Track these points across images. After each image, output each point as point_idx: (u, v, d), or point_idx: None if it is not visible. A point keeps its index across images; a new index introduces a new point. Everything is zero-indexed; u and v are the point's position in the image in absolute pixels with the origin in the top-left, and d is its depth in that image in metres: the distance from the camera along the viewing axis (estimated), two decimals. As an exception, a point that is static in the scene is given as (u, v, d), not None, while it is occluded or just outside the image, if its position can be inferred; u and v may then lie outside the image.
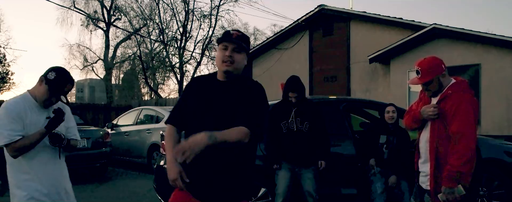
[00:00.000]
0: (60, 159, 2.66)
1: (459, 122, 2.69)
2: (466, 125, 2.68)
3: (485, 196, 4.90)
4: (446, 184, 2.69)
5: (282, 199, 4.14)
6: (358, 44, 12.51)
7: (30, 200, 2.52)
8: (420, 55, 10.60)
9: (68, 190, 2.77)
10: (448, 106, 2.77)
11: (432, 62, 2.89)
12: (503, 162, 4.97)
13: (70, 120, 2.74)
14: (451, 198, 2.68)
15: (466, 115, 2.70)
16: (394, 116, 4.52)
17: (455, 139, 2.68)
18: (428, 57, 2.98)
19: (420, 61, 2.94)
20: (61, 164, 2.73)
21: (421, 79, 2.88)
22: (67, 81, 2.57)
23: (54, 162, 2.66)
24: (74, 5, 24.56)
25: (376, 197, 4.34)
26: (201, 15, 21.02)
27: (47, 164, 2.62)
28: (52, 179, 2.64)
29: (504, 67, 9.67)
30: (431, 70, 2.85)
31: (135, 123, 10.01)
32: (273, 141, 4.22)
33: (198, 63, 21.80)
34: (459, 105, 2.74)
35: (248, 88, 2.22)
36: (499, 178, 4.93)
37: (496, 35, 9.76)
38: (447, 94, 2.83)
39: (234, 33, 2.20)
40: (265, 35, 32.22)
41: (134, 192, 6.80)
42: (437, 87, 2.89)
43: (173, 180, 2.15)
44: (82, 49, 27.35)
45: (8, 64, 31.85)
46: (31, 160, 2.57)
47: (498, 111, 9.70)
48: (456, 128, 2.69)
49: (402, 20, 11.67)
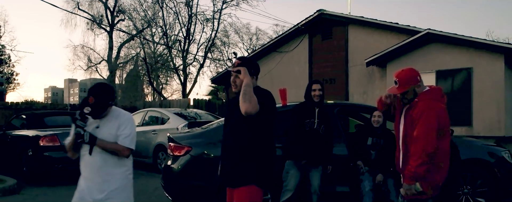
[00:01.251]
0: (91, 155, 2.87)
1: (419, 128, 3.02)
2: (425, 131, 3.00)
3: (469, 194, 5.23)
4: (406, 181, 3.09)
5: (290, 195, 4.50)
6: (356, 48, 12.85)
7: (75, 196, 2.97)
8: (415, 59, 11.07)
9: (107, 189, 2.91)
10: (414, 112, 3.13)
11: (409, 74, 3.21)
12: (486, 161, 5.32)
13: (123, 128, 2.90)
14: (409, 193, 3.09)
15: (426, 121, 3.02)
16: (380, 120, 4.91)
17: (415, 142, 3.03)
18: (405, 69, 3.31)
19: (398, 72, 3.28)
20: (98, 164, 2.90)
21: (399, 89, 3.21)
22: (89, 95, 2.84)
23: (91, 161, 2.90)
24: (78, 7, 24.94)
25: (365, 194, 4.73)
26: (204, 18, 21.42)
27: (88, 164, 2.94)
28: (89, 176, 2.94)
29: (495, 71, 10.03)
30: (408, 82, 3.18)
31: (141, 124, 10.37)
32: (298, 137, 4.57)
33: (201, 66, 22.19)
34: (422, 112, 3.06)
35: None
36: (482, 177, 5.26)
37: (487, 40, 10.14)
38: (414, 102, 3.19)
39: (236, 61, 2.87)
40: (267, 35, 32.50)
41: (142, 191, 7.12)
42: (412, 96, 3.20)
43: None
44: (86, 50, 27.67)
45: (13, 65, 32.32)
46: (82, 161, 2.98)
47: (489, 113, 10.06)
48: (416, 133, 3.04)
49: (398, 25, 12.02)
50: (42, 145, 7.79)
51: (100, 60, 27.74)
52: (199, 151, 4.93)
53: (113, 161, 2.93)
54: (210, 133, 5.16)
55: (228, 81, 16.38)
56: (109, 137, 2.89)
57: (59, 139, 7.88)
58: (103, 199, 2.91)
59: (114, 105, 2.99)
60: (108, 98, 2.88)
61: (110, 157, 2.91)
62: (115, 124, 2.91)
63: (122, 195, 2.95)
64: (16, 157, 8.43)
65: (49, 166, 7.82)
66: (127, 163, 3.04)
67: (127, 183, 3.02)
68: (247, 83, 2.70)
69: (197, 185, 4.92)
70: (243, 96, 2.63)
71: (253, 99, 2.63)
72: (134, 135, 2.95)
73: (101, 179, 2.91)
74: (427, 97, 3.17)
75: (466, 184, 5.25)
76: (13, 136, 8.90)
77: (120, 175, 2.97)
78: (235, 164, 2.83)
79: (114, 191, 2.92)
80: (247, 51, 33.69)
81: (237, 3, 20.99)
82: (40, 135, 7.94)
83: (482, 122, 10.17)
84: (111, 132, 2.89)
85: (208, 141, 5.00)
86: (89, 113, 2.80)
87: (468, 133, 9.73)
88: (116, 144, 2.88)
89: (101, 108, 2.85)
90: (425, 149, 2.98)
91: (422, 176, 3.03)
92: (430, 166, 3.04)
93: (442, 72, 10.72)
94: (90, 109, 2.79)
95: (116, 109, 3.03)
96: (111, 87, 3.02)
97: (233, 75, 2.85)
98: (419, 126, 3.04)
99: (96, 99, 2.81)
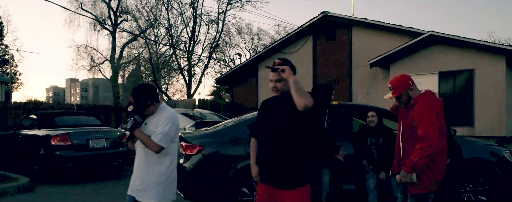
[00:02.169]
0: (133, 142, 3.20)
1: (423, 127, 3.30)
2: (429, 129, 3.28)
3: (471, 192, 5.41)
4: (405, 170, 3.36)
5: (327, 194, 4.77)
6: (359, 49, 13.00)
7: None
8: (418, 60, 11.23)
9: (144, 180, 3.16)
10: (415, 113, 3.41)
11: (400, 80, 3.57)
12: (488, 161, 5.48)
13: (159, 125, 3.09)
14: (404, 180, 3.39)
15: (429, 121, 3.31)
16: (374, 120, 5.11)
17: (420, 140, 3.31)
18: (397, 75, 3.66)
19: (391, 79, 3.63)
20: (142, 158, 3.17)
21: (393, 94, 3.54)
22: (131, 95, 3.15)
23: (138, 154, 3.22)
24: (81, 7, 25.13)
25: (370, 192, 4.92)
26: (209, 20, 21.61)
27: (137, 156, 3.25)
28: (136, 167, 3.25)
29: (496, 72, 10.20)
30: (400, 86, 3.53)
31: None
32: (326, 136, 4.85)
33: (206, 66, 22.40)
34: (424, 112, 3.35)
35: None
36: (484, 176, 5.43)
37: (489, 42, 10.30)
38: (411, 104, 3.49)
39: (277, 61, 2.93)
40: (269, 35, 32.68)
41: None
42: (406, 99, 3.52)
43: (255, 176, 3.05)
44: (90, 50, 27.79)
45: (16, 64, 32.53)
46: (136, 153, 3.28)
47: (491, 113, 10.22)
48: (421, 132, 3.31)
49: (401, 27, 12.17)
50: (53, 144, 7.97)
51: (103, 60, 27.92)
52: (211, 150, 5.12)
53: (153, 158, 3.14)
54: (222, 132, 5.34)
55: (233, 82, 16.72)
56: (151, 132, 3.09)
57: (70, 138, 8.08)
58: (142, 190, 3.18)
59: (157, 103, 3.14)
60: (147, 98, 3.07)
61: (151, 153, 3.11)
62: (155, 121, 3.12)
63: (156, 190, 3.13)
64: (28, 156, 8.59)
65: (60, 164, 8.00)
66: (167, 161, 3.19)
67: (164, 179, 3.16)
68: (296, 80, 2.78)
69: (209, 183, 5.10)
70: (298, 92, 2.71)
71: (307, 94, 2.74)
72: (167, 134, 3.07)
73: (143, 171, 3.18)
74: (424, 99, 3.46)
75: (468, 182, 5.41)
76: (24, 136, 9.08)
77: (158, 171, 3.15)
78: (288, 165, 2.87)
79: (151, 185, 3.14)
80: (248, 51, 33.91)
81: (241, 4, 21.16)
82: (52, 134, 8.12)
83: (484, 122, 10.33)
84: (152, 129, 3.11)
85: (220, 140, 5.19)
86: (132, 111, 3.04)
87: (469, 133, 9.88)
88: (149, 138, 3.05)
89: (140, 106, 3.07)
90: (429, 145, 3.24)
91: (420, 168, 3.31)
92: (429, 161, 3.31)
93: (445, 73, 10.88)
94: (132, 107, 3.04)
95: (163, 107, 3.21)
96: (151, 88, 3.21)
97: (273, 81, 2.93)
98: (422, 125, 3.31)
99: (135, 99, 3.05)
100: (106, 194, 6.96)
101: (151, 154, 3.11)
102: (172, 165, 3.22)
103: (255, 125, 3.17)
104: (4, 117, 12.56)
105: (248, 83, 16.06)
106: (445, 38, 10.74)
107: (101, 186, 7.66)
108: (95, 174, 9.02)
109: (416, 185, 3.40)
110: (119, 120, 15.37)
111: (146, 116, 3.16)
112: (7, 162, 9.80)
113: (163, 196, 3.16)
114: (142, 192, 3.17)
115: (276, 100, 3.03)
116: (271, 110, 3.03)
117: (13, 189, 6.81)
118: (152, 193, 3.13)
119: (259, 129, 3.09)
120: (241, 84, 16.40)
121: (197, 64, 23.13)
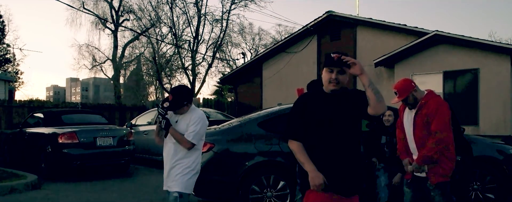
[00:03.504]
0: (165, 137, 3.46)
1: (437, 122, 3.57)
2: (442, 124, 3.55)
3: (478, 190, 5.43)
4: (418, 162, 3.66)
5: None
6: (364, 49, 13.05)
7: None
8: (423, 60, 11.26)
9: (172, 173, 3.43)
10: (428, 111, 3.64)
11: (404, 84, 3.78)
12: (495, 159, 5.51)
13: (191, 124, 3.38)
14: (416, 172, 3.70)
15: (442, 116, 3.58)
16: (390, 119, 5.14)
17: (434, 134, 3.57)
18: (400, 80, 3.90)
19: (395, 85, 3.86)
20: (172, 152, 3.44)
21: (399, 98, 3.76)
22: (170, 93, 3.46)
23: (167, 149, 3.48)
24: (83, 7, 25.17)
25: (381, 190, 4.94)
26: (213, 19, 21.64)
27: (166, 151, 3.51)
28: (166, 162, 3.49)
29: (501, 72, 10.23)
30: (405, 89, 3.75)
31: (153, 122, 10.57)
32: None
33: (210, 65, 22.43)
34: (437, 108, 3.61)
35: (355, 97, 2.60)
36: (492, 174, 5.46)
37: (494, 42, 10.32)
38: (422, 103, 3.72)
39: (335, 56, 2.55)
40: (270, 35, 32.69)
41: (158, 187, 7.30)
42: (413, 100, 3.75)
43: (320, 185, 2.54)
44: (91, 49, 27.81)
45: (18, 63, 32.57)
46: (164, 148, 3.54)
47: (496, 113, 10.26)
48: (434, 127, 3.57)
49: (406, 26, 12.21)
50: (61, 142, 7.99)
51: (105, 60, 27.95)
52: (221, 147, 5.15)
53: (183, 152, 3.43)
54: (233, 130, 5.38)
55: (238, 81, 16.74)
56: (182, 130, 3.40)
57: (78, 136, 8.11)
58: (170, 181, 3.46)
59: (190, 104, 3.46)
60: (184, 98, 3.39)
61: (181, 149, 3.41)
62: (187, 120, 3.41)
63: (180, 179, 3.40)
64: (35, 154, 8.62)
65: (67, 162, 8.02)
66: (194, 156, 3.47)
67: (189, 172, 3.43)
68: (371, 81, 2.45)
69: (219, 180, 5.14)
70: (378, 95, 2.42)
71: (383, 98, 2.47)
72: (199, 132, 3.39)
73: (171, 165, 3.45)
74: (433, 96, 3.73)
75: (475, 180, 5.43)
76: (31, 134, 9.10)
77: (184, 165, 3.43)
78: (355, 169, 2.62)
79: (177, 175, 3.42)
80: (249, 51, 33.97)
81: (245, 4, 21.19)
82: (59, 132, 8.13)
83: (489, 122, 10.36)
84: (183, 127, 3.41)
85: (230, 138, 5.23)
86: (167, 107, 3.35)
87: (474, 132, 9.92)
88: (183, 136, 3.36)
89: (176, 105, 3.37)
90: (442, 138, 3.52)
91: (434, 161, 3.58)
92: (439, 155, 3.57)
93: (449, 73, 10.92)
94: (168, 104, 3.34)
95: (193, 108, 3.51)
96: (189, 90, 3.58)
97: (335, 72, 2.56)
98: (436, 120, 3.57)
99: (173, 97, 3.35)
100: (114, 192, 6.99)
101: (181, 150, 3.41)
102: (197, 160, 3.50)
103: (296, 125, 2.68)
104: (9, 115, 12.58)
105: (252, 83, 16.09)
106: (450, 38, 10.77)
107: (108, 184, 7.69)
108: (102, 172, 9.06)
109: (439, 175, 3.61)
110: (122, 119, 15.40)
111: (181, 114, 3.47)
112: (14, 160, 9.84)
113: (185, 186, 3.42)
114: (170, 183, 3.45)
115: (329, 96, 2.64)
116: (328, 108, 2.61)
117: (21, 186, 6.84)
118: (176, 183, 3.40)
119: (302, 130, 2.65)
120: (245, 83, 16.42)
121: (201, 64, 23.17)
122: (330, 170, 2.57)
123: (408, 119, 3.84)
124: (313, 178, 2.56)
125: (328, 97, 2.64)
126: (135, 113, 15.35)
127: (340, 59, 2.53)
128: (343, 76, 2.57)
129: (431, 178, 3.66)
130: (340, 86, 2.59)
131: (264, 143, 5.17)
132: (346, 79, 2.58)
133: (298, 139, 2.66)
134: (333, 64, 2.56)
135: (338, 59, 2.53)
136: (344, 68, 2.54)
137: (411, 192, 3.88)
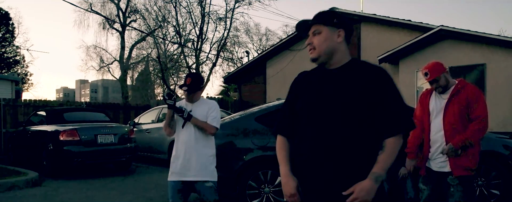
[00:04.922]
0: (183, 128, 3.50)
1: (481, 108, 3.46)
2: (485, 110, 3.48)
3: (483, 186, 5.30)
4: (455, 144, 3.42)
5: None
6: (368, 45, 12.91)
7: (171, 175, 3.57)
8: (428, 56, 11.11)
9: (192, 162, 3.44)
10: (469, 95, 3.48)
11: (435, 64, 3.61)
12: (501, 154, 5.37)
13: (211, 111, 3.52)
14: (449, 154, 3.45)
15: (484, 102, 3.50)
16: None
17: (479, 120, 3.44)
18: (432, 61, 3.70)
19: (426, 65, 3.66)
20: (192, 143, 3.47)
21: (430, 77, 3.56)
22: (187, 77, 3.54)
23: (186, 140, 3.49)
24: (91, 8, 25.31)
25: (410, 191, 4.63)
26: (216, 18, 21.61)
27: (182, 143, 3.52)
28: (181, 155, 3.49)
29: (508, 67, 10.03)
30: (437, 69, 3.54)
31: (156, 121, 10.57)
32: None
33: (214, 64, 22.42)
34: (478, 95, 3.50)
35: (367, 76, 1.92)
36: (497, 169, 5.32)
37: (500, 36, 10.13)
38: (458, 88, 3.53)
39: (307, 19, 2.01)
40: (277, 35, 32.64)
41: (159, 184, 7.30)
42: (445, 83, 3.55)
43: (291, 196, 1.92)
44: (99, 50, 28.01)
45: (27, 65, 32.85)
46: (176, 140, 3.59)
47: (502, 109, 10.06)
48: (479, 112, 3.45)
49: (410, 22, 12.07)
50: (62, 140, 8.00)
51: (112, 61, 28.10)
52: (219, 142, 5.02)
53: (203, 142, 3.52)
54: (229, 125, 5.30)
55: (241, 80, 16.72)
56: (200, 117, 3.51)
57: (79, 133, 8.11)
58: (197, 170, 3.47)
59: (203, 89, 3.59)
60: (200, 82, 3.55)
61: (201, 138, 3.50)
62: (205, 108, 3.54)
63: (204, 172, 3.49)
64: (36, 151, 8.64)
65: (69, 159, 8.03)
66: (212, 145, 3.62)
67: (212, 160, 3.59)
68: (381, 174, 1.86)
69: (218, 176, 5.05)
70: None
71: (394, 156, 1.90)
72: (218, 118, 3.55)
73: (192, 154, 3.47)
74: (466, 83, 3.58)
75: (480, 176, 5.29)
76: (33, 131, 9.13)
77: (206, 154, 3.53)
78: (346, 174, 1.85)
79: (199, 167, 3.47)
80: (256, 52, 33.91)
81: (249, 2, 21.09)
82: (60, 129, 8.15)
83: (495, 118, 10.14)
84: (203, 113, 3.51)
85: (227, 132, 5.15)
86: (187, 89, 3.45)
87: (481, 129, 9.72)
88: (206, 122, 3.48)
89: (195, 87, 3.48)
90: (486, 125, 3.46)
91: (467, 148, 3.43)
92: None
93: (455, 68, 10.73)
94: (186, 87, 3.43)
95: (203, 98, 3.70)
96: (202, 77, 3.77)
97: (310, 36, 2.00)
98: (481, 105, 3.46)
99: (192, 80, 3.47)
100: (114, 189, 6.96)
101: (202, 138, 3.50)
102: (214, 149, 3.65)
103: (283, 117, 2.11)
104: (14, 114, 12.64)
105: (256, 81, 16.01)
106: (456, 33, 10.60)
107: (109, 181, 7.67)
108: (103, 170, 9.05)
109: (464, 168, 3.44)
110: (127, 118, 15.43)
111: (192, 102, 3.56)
112: (17, 158, 9.88)
113: (215, 175, 3.58)
114: (194, 172, 3.45)
115: (328, 73, 2.00)
116: (323, 88, 1.96)
117: (22, 183, 6.85)
118: (206, 172, 3.49)
119: (293, 123, 2.04)
120: (249, 82, 16.35)
121: (205, 62, 23.16)
122: (315, 173, 1.89)
123: (437, 104, 3.58)
124: (284, 185, 1.95)
125: (326, 74, 2.00)
126: (140, 112, 15.37)
127: (305, 22, 2.01)
128: (318, 37, 1.96)
129: (454, 171, 3.43)
130: (322, 53, 1.96)
131: (262, 137, 5.08)
132: (327, 39, 1.96)
133: (283, 133, 2.08)
134: (300, 33, 2.06)
135: (304, 23, 2.01)
136: (316, 25, 1.96)
137: (429, 190, 3.64)
